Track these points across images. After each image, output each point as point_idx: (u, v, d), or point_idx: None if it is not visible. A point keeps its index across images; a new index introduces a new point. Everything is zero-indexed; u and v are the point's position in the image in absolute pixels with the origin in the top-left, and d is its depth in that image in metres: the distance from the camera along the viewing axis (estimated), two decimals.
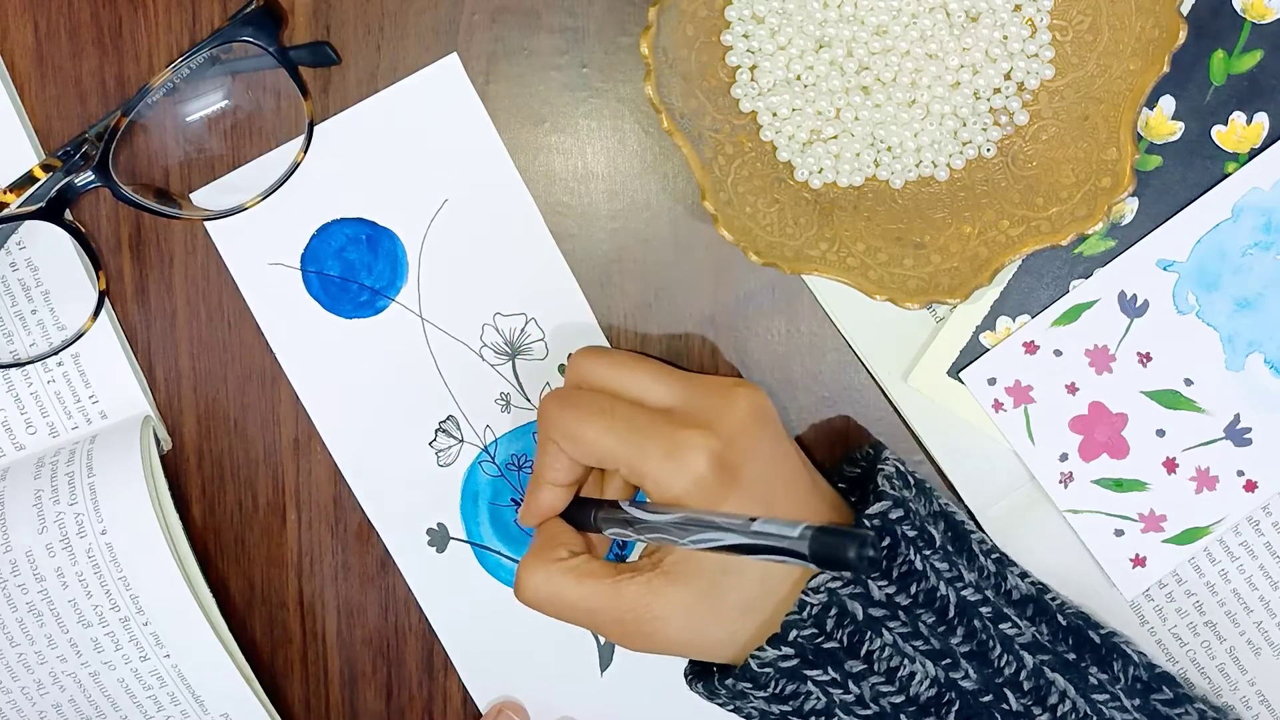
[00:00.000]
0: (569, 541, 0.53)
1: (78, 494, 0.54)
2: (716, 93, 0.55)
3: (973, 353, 0.56)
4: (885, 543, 0.49)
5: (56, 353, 0.56)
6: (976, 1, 0.54)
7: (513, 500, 0.59)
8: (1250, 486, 0.56)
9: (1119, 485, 0.56)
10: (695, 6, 0.54)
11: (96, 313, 0.56)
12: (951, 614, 0.50)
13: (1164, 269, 0.55)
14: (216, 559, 0.59)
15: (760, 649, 0.49)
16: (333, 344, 0.58)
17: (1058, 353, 0.56)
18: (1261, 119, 0.55)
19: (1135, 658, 0.53)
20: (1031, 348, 0.56)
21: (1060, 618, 0.53)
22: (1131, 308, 0.56)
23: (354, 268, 0.57)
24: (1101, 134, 0.53)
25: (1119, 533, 0.56)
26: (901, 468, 0.53)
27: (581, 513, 0.53)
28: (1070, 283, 0.56)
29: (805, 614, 0.49)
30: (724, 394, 0.51)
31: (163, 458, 0.57)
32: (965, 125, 0.55)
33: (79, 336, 0.56)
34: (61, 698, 0.54)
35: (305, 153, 0.56)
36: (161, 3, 0.57)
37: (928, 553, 0.50)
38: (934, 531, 0.51)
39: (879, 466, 0.53)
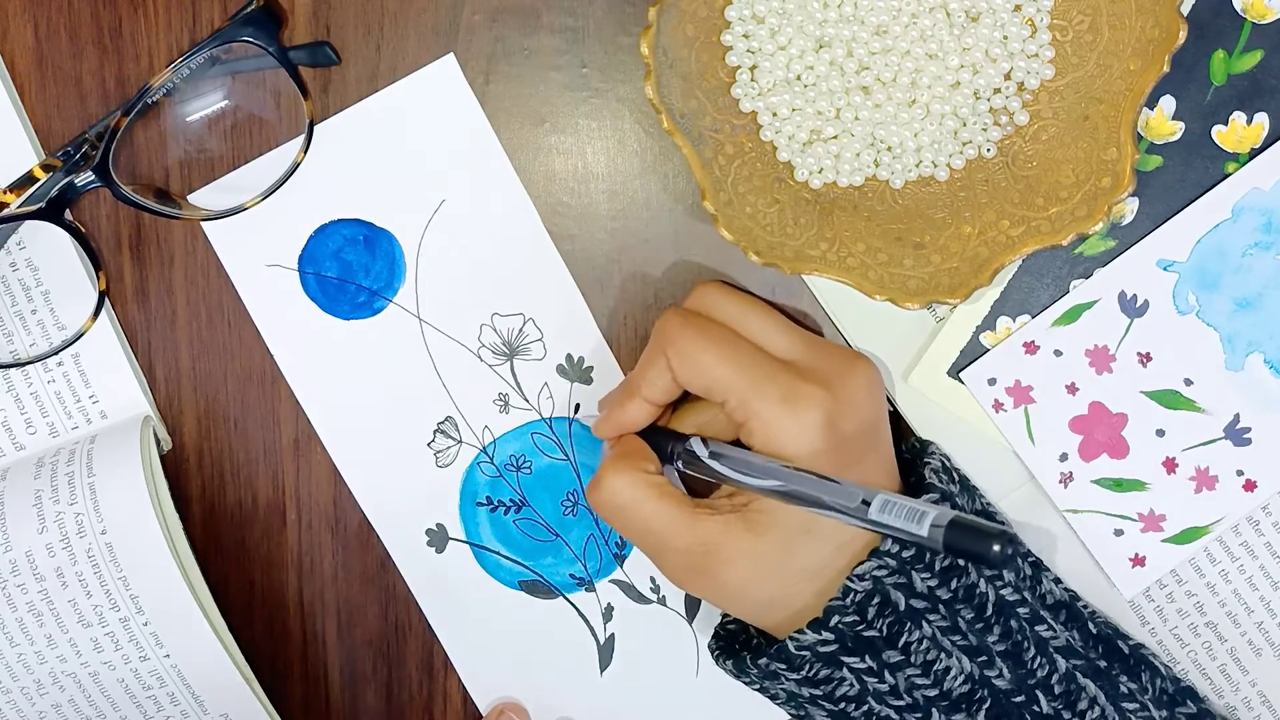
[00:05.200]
0: (652, 459, 0.52)
1: (78, 494, 0.54)
2: (716, 93, 0.55)
3: (973, 353, 0.56)
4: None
5: (56, 353, 0.56)
6: (976, 1, 0.54)
7: (580, 416, 0.58)
8: (1250, 486, 0.56)
9: (1119, 485, 0.56)
10: (695, 6, 0.53)
11: (96, 313, 0.56)
12: (989, 611, 0.50)
13: (1164, 269, 0.55)
14: (216, 559, 0.59)
15: (800, 631, 0.49)
16: (331, 345, 0.58)
17: (1058, 353, 0.56)
18: (1262, 119, 0.55)
19: (1162, 670, 0.54)
20: (1031, 348, 0.56)
21: (1091, 625, 0.53)
22: (1131, 308, 0.56)
23: (351, 269, 0.57)
24: (1101, 134, 0.53)
25: (1119, 532, 0.56)
26: (947, 463, 0.54)
27: (656, 441, 0.53)
28: (1070, 283, 0.56)
29: (848, 600, 0.49)
30: (847, 360, 0.52)
31: (163, 458, 0.57)
32: (965, 125, 0.55)
33: (79, 336, 0.56)
34: (61, 698, 0.55)
35: (305, 153, 0.56)
36: (161, 3, 0.57)
37: None
38: None
39: (924, 460, 0.53)
